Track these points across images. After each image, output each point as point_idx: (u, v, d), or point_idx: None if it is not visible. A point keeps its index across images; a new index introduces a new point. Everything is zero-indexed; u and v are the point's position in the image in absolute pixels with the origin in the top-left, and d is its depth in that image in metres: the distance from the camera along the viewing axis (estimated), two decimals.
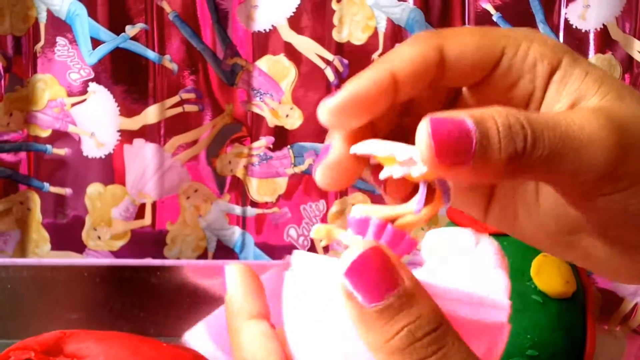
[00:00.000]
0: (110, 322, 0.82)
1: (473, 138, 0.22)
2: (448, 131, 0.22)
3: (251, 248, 0.90)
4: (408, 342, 0.21)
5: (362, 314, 0.21)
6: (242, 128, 0.89)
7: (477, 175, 0.22)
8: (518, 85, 0.26)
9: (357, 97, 0.24)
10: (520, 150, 0.22)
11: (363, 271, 0.21)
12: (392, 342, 0.21)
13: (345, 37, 0.88)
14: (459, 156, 0.22)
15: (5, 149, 0.85)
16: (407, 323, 0.21)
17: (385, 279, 0.21)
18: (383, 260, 0.22)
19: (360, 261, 0.22)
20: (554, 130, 0.23)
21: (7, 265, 0.81)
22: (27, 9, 0.84)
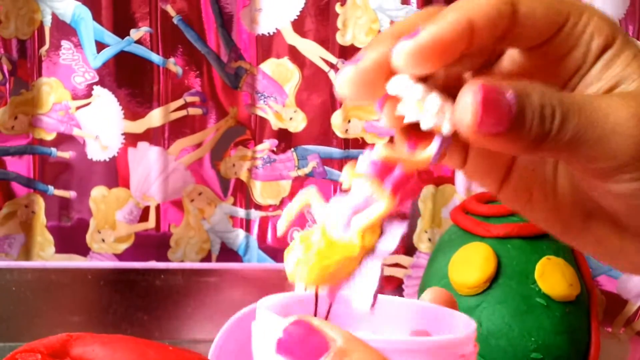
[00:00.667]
0: (114, 324, 0.82)
1: (513, 112, 0.23)
2: (494, 101, 0.23)
3: (255, 251, 0.90)
4: None
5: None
6: (246, 131, 0.89)
7: (505, 147, 0.23)
8: (570, 56, 0.26)
9: (436, 41, 0.24)
10: (547, 131, 0.23)
11: (291, 346, 0.22)
12: None
13: (349, 40, 0.88)
14: (495, 127, 0.23)
15: (10, 152, 0.86)
16: None
17: (313, 346, 0.22)
18: (307, 329, 0.22)
19: (286, 337, 0.22)
20: (579, 116, 0.23)
21: (12, 268, 0.81)
22: (32, 13, 0.85)
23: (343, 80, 0.26)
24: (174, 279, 0.83)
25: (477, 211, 0.73)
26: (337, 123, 0.89)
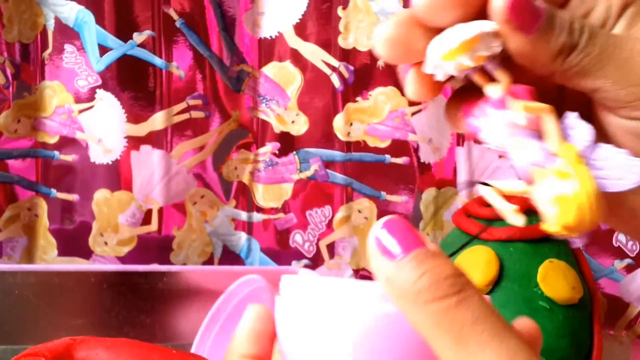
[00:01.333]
0: (117, 327, 0.82)
1: (542, 14, 0.24)
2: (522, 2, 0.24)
3: (257, 253, 0.90)
4: (433, 280, 0.22)
5: (393, 264, 0.23)
6: (248, 134, 0.89)
7: (533, 49, 0.24)
8: (592, 14, 0.27)
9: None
10: (575, 43, 0.24)
11: (395, 229, 0.23)
12: (418, 282, 0.22)
13: (351, 43, 0.89)
14: (526, 22, 0.24)
15: (13, 155, 0.86)
16: (432, 266, 0.23)
17: (413, 237, 0.23)
18: (410, 226, 0.24)
19: (393, 222, 0.24)
20: (607, 38, 0.25)
21: (15, 271, 0.81)
22: (36, 17, 0.85)
23: (380, 39, 0.27)
24: (176, 282, 0.83)
25: (480, 214, 0.73)
26: (339, 126, 0.89)
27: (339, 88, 0.89)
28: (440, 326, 0.22)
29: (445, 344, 0.22)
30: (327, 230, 0.90)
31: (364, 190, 0.90)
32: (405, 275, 0.23)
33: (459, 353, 0.22)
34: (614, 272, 0.87)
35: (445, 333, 0.22)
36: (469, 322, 0.22)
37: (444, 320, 0.22)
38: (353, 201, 0.90)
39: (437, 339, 0.22)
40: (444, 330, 0.22)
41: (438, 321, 0.22)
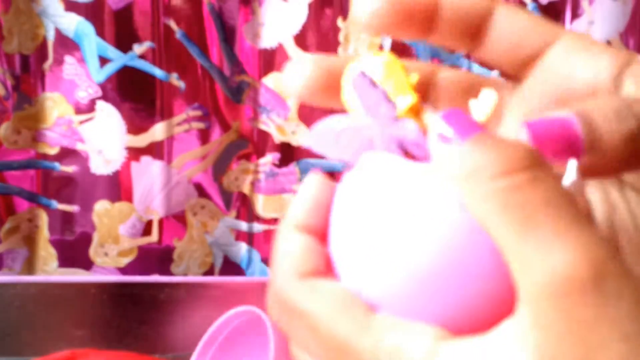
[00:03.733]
0: (117, 339, 0.82)
1: (578, 131, 0.20)
2: (547, 131, 0.20)
3: (257, 264, 0.90)
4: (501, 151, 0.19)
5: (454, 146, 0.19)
6: (248, 145, 0.89)
7: (598, 167, 0.21)
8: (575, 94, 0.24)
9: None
10: (636, 128, 0.20)
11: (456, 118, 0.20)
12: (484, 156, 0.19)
13: (350, 54, 0.89)
14: (568, 153, 0.20)
15: (13, 166, 0.86)
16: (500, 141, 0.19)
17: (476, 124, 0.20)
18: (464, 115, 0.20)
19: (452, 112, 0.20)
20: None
21: (15, 282, 0.81)
22: (35, 28, 0.85)
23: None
24: (177, 293, 0.83)
25: None
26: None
27: None
28: (506, 207, 0.18)
29: (510, 230, 0.18)
30: None
31: None
32: (468, 153, 0.19)
33: (526, 244, 0.18)
34: None
35: (512, 216, 0.18)
36: (542, 204, 0.18)
37: (511, 200, 0.18)
38: None
39: (501, 224, 0.19)
40: (509, 213, 0.18)
41: (504, 201, 0.18)
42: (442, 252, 0.20)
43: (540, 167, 0.19)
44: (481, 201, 0.19)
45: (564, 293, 0.18)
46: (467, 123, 0.20)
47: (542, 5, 0.90)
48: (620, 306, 0.18)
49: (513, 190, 0.18)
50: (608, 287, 0.18)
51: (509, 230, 0.18)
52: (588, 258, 0.18)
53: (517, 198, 0.18)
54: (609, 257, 0.18)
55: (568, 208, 0.18)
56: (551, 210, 0.18)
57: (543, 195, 0.18)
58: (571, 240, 0.18)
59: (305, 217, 0.23)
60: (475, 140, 0.19)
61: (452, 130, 0.19)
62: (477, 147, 0.19)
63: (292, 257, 0.22)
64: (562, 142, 0.20)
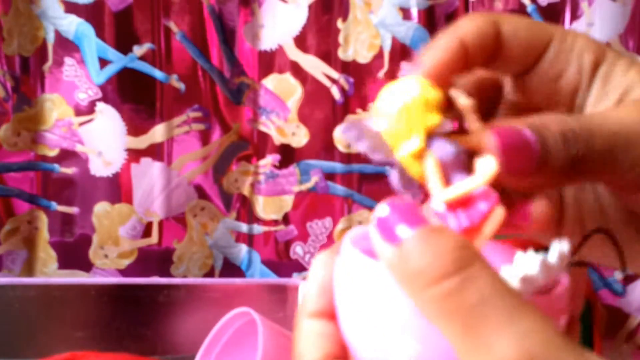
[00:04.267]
0: (117, 340, 0.82)
1: (535, 147, 0.22)
2: (511, 143, 0.23)
3: (257, 265, 0.90)
4: (433, 257, 0.20)
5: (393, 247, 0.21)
6: (248, 146, 0.89)
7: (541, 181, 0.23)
8: (565, 75, 0.26)
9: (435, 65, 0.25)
10: (577, 154, 0.23)
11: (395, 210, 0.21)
12: (418, 261, 0.20)
13: (350, 55, 0.89)
14: (523, 164, 0.22)
15: (13, 168, 0.86)
16: (433, 243, 0.20)
17: (413, 217, 0.21)
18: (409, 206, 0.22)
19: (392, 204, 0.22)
20: (601, 132, 0.23)
21: (15, 284, 0.81)
22: (35, 30, 0.85)
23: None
24: (177, 295, 0.83)
25: None
26: (339, 138, 0.89)
27: (339, 100, 0.89)
28: (445, 312, 0.19)
29: (454, 332, 0.20)
30: (328, 242, 0.90)
31: (364, 202, 0.90)
32: (406, 258, 0.20)
33: (469, 341, 0.19)
34: (614, 283, 0.87)
35: (452, 320, 0.19)
36: (476, 305, 0.19)
37: (448, 305, 0.19)
38: (354, 213, 0.90)
39: (445, 327, 0.20)
40: (450, 317, 0.19)
41: (442, 306, 0.20)
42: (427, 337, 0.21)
43: (471, 265, 0.20)
44: (424, 308, 0.20)
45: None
46: (408, 217, 0.21)
47: (542, 6, 0.90)
48: None
49: (447, 296, 0.19)
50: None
51: (451, 333, 0.20)
52: (522, 353, 0.19)
53: (452, 304, 0.19)
54: (543, 346, 0.19)
55: (503, 302, 0.19)
56: (486, 310, 0.19)
57: (475, 296, 0.19)
58: (506, 337, 0.19)
59: (315, 302, 0.25)
60: (413, 238, 0.20)
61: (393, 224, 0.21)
62: (414, 249, 0.20)
63: (307, 346, 0.25)
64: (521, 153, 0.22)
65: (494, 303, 0.19)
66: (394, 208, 0.21)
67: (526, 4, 0.90)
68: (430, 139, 0.23)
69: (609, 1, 0.88)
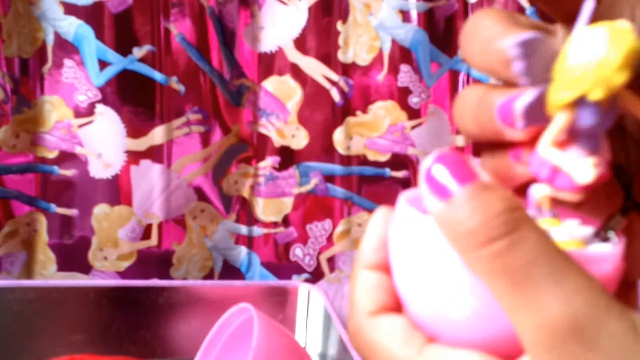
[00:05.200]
0: (116, 343, 0.82)
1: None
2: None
3: (257, 268, 0.90)
4: (483, 219, 0.21)
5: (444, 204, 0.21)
6: (248, 148, 0.89)
7: None
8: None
9: None
10: None
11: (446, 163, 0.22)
12: (469, 222, 0.21)
13: (350, 58, 0.89)
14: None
15: (12, 170, 0.85)
16: (483, 204, 0.21)
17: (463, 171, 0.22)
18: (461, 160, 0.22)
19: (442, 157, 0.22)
20: None
21: (14, 287, 0.81)
22: (35, 32, 0.85)
23: None
24: (176, 297, 0.83)
25: None
26: (339, 140, 0.89)
27: (339, 102, 0.89)
28: (494, 272, 0.21)
29: (502, 290, 0.21)
30: (328, 244, 0.90)
31: (364, 204, 0.90)
32: (456, 216, 0.21)
33: (516, 300, 0.20)
34: None
35: (501, 279, 0.20)
36: (524, 266, 0.20)
37: (497, 265, 0.20)
38: (353, 215, 0.90)
39: (494, 285, 0.21)
40: (498, 276, 0.20)
41: (492, 266, 0.21)
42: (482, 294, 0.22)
43: (520, 227, 0.21)
44: (473, 266, 0.21)
45: (550, 346, 0.20)
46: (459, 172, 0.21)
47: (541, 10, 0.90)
48: (598, 353, 0.20)
49: (496, 257, 0.21)
50: (586, 336, 0.20)
51: (499, 292, 0.21)
52: (567, 312, 0.20)
53: (501, 264, 0.20)
54: (587, 306, 0.20)
55: (549, 263, 0.20)
56: (533, 270, 0.20)
57: (524, 258, 0.20)
58: (552, 297, 0.20)
59: (371, 255, 0.26)
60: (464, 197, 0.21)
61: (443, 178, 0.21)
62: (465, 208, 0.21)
63: (362, 296, 0.25)
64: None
65: (541, 264, 0.20)
66: (444, 161, 0.22)
67: (525, 7, 0.90)
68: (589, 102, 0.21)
69: None
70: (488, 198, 0.21)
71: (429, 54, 0.90)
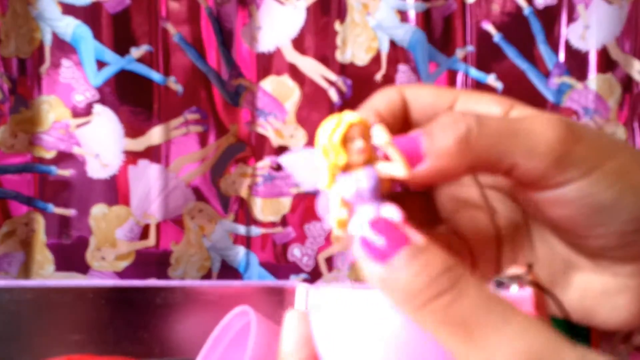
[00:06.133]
0: (114, 343, 0.82)
1: (420, 140, 0.25)
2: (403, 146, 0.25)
3: (255, 268, 0.90)
4: (427, 279, 0.22)
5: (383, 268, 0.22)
6: (246, 148, 0.89)
7: (437, 168, 0.25)
8: None
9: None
10: (465, 131, 0.24)
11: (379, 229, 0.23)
12: (412, 284, 0.22)
13: (348, 58, 0.89)
14: (415, 156, 0.25)
15: (10, 170, 0.85)
16: (423, 265, 0.22)
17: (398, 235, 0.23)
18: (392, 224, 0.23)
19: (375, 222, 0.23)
20: (498, 119, 0.25)
21: (11, 287, 0.81)
22: (32, 32, 0.85)
23: None
24: (174, 297, 0.83)
25: None
26: None
27: (337, 102, 0.89)
28: (444, 325, 0.22)
29: (455, 341, 0.22)
30: (326, 244, 0.90)
31: None
32: (398, 278, 0.22)
33: (469, 349, 0.21)
34: None
35: (451, 331, 0.22)
36: (472, 314, 0.21)
37: (446, 318, 0.22)
38: None
39: (446, 338, 0.22)
40: (449, 328, 0.22)
41: (441, 320, 0.22)
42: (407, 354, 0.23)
43: (460, 281, 0.22)
44: (423, 322, 0.22)
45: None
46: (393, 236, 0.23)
47: (538, 9, 0.90)
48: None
49: (445, 310, 0.22)
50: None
51: (453, 342, 0.22)
52: (522, 347, 0.21)
53: (451, 315, 0.22)
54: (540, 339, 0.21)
55: (494, 307, 0.22)
56: (481, 317, 0.21)
57: (472, 305, 0.22)
58: (504, 336, 0.21)
59: (295, 349, 0.26)
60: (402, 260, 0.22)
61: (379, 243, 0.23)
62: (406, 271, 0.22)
63: None
64: (412, 152, 0.25)
65: (487, 309, 0.21)
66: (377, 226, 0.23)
67: (523, 6, 0.90)
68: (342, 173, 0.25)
69: (606, 4, 0.88)
70: (428, 259, 0.22)
71: (427, 54, 0.90)
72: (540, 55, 0.91)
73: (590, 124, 0.91)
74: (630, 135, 0.92)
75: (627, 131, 0.92)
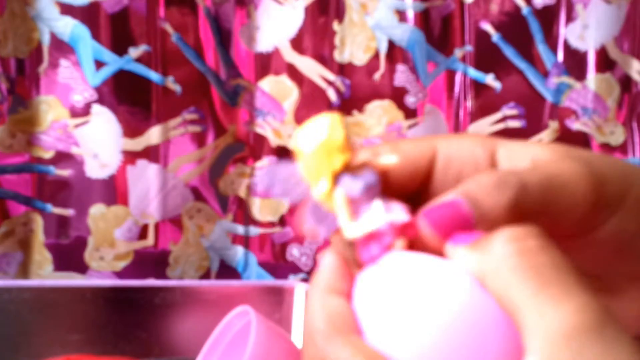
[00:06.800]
0: (113, 343, 0.82)
1: (466, 210, 0.24)
2: (441, 216, 0.24)
3: (254, 267, 0.90)
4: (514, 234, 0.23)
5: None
6: (244, 148, 0.89)
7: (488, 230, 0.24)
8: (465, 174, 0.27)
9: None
10: (515, 195, 0.24)
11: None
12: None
13: (346, 57, 0.89)
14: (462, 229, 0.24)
15: (8, 170, 0.85)
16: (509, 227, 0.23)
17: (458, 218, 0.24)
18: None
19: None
20: (532, 175, 0.25)
21: (10, 287, 0.81)
22: (31, 32, 0.85)
23: None
24: (173, 297, 0.83)
25: None
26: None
27: (335, 102, 0.89)
28: (521, 268, 0.22)
29: (527, 286, 0.21)
30: (324, 244, 0.90)
31: None
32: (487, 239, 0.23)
33: (540, 296, 0.21)
34: None
35: (527, 274, 0.22)
36: (551, 267, 0.22)
37: (525, 262, 0.22)
38: None
39: (517, 282, 0.22)
40: (525, 272, 0.22)
41: (519, 263, 0.22)
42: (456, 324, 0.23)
43: (545, 238, 0.23)
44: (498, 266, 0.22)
45: (573, 338, 0.21)
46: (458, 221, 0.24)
47: (537, 9, 0.90)
48: (619, 349, 0.21)
49: (526, 253, 0.22)
50: (608, 333, 0.21)
51: (526, 286, 0.22)
52: (591, 310, 0.21)
53: (530, 260, 0.22)
54: (606, 311, 0.21)
55: (571, 272, 0.22)
56: (559, 273, 0.22)
57: (551, 260, 0.22)
58: (576, 296, 0.21)
59: (335, 282, 0.26)
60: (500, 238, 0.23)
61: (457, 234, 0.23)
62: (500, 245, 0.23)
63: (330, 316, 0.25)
64: (455, 221, 0.24)
65: (566, 271, 0.22)
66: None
67: (521, 6, 0.90)
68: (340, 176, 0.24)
69: (604, 4, 0.88)
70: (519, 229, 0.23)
71: (426, 53, 0.90)
72: (538, 55, 0.91)
73: (589, 123, 0.91)
74: (629, 135, 0.92)
75: (626, 131, 0.92)
